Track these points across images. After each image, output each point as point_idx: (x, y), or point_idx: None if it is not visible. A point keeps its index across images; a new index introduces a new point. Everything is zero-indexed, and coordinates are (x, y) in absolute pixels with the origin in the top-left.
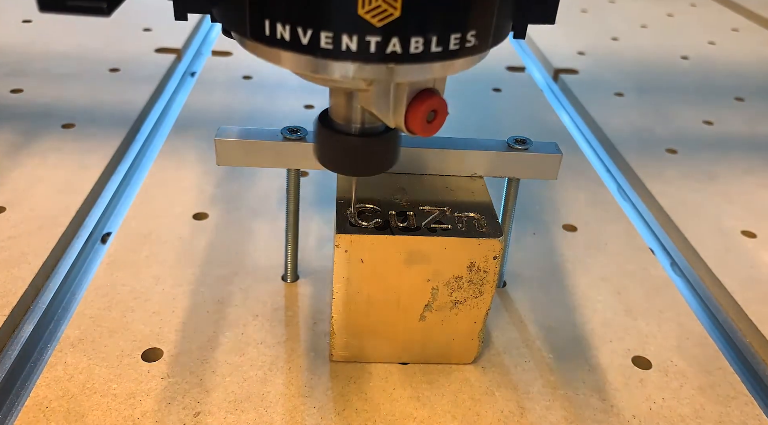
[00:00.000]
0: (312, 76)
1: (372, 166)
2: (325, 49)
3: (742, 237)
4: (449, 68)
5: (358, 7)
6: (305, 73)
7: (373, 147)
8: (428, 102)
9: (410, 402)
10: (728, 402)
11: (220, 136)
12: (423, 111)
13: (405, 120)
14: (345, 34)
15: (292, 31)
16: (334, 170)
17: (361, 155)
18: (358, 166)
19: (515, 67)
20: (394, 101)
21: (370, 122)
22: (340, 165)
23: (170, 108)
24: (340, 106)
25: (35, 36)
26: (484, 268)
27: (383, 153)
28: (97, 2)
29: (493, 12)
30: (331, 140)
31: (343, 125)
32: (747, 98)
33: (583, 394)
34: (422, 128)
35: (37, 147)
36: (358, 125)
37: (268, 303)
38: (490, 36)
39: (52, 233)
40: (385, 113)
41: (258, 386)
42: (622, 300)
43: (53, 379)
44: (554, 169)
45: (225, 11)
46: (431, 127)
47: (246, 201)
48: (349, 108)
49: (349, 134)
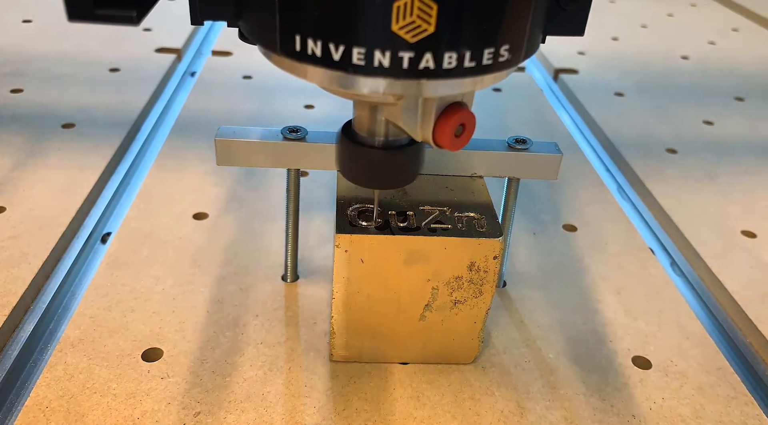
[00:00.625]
0: (340, 91)
1: (395, 179)
2: (357, 65)
3: (742, 237)
4: (480, 83)
5: (392, 22)
6: (334, 89)
7: (397, 160)
8: (457, 116)
9: (410, 402)
10: (728, 402)
11: (220, 136)
12: (452, 125)
13: (433, 134)
14: (378, 50)
15: (324, 46)
16: (357, 182)
17: (384, 168)
18: (381, 179)
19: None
20: (422, 115)
21: (394, 135)
22: (363, 178)
23: (170, 108)
24: (364, 118)
25: (35, 36)
26: (484, 268)
27: (407, 166)
28: (127, 11)
29: (526, 26)
30: (354, 152)
31: (367, 137)
32: (747, 98)
33: (583, 394)
34: (450, 141)
35: (37, 147)
36: (381, 138)
37: (268, 303)
38: (523, 50)
39: (52, 233)
40: (413, 126)
41: (258, 386)
42: (622, 300)
43: (53, 379)
44: (554, 169)
45: (252, 25)
46: (459, 141)
47: (246, 201)
48: (374, 121)
49: (372, 147)
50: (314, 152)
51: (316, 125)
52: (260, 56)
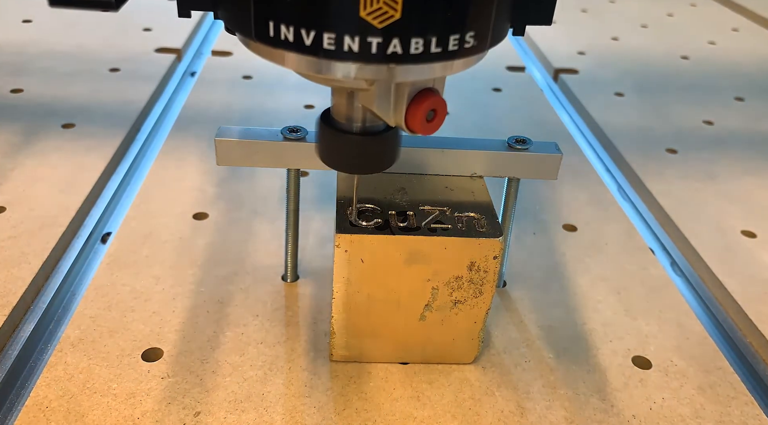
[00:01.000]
0: (314, 76)
1: (373, 164)
2: (328, 50)
3: (742, 237)
4: (448, 68)
5: (360, 9)
6: (308, 74)
7: (374, 145)
8: (428, 101)
9: (410, 402)
10: (728, 401)
11: (220, 136)
12: (423, 110)
13: (405, 119)
14: (347, 35)
15: (296, 32)
16: (336, 168)
17: (362, 153)
18: (359, 164)
19: (515, 67)
20: (394, 101)
21: (370, 121)
22: (342, 163)
23: (170, 108)
24: (341, 105)
25: (35, 36)
26: (484, 268)
27: (383, 151)
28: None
29: (490, 14)
30: (332, 138)
31: (345, 123)
32: (747, 98)
33: (583, 394)
34: (422, 126)
35: (37, 147)
36: (359, 123)
37: (268, 303)
38: (489, 37)
39: (52, 232)
40: (386, 112)
41: (258, 386)
42: (622, 300)
43: (53, 379)
44: (554, 169)
45: (229, 13)
46: (431, 126)
47: (246, 201)
48: (350, 107)
49: (350, 133)
50: (314, 152)
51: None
52: None
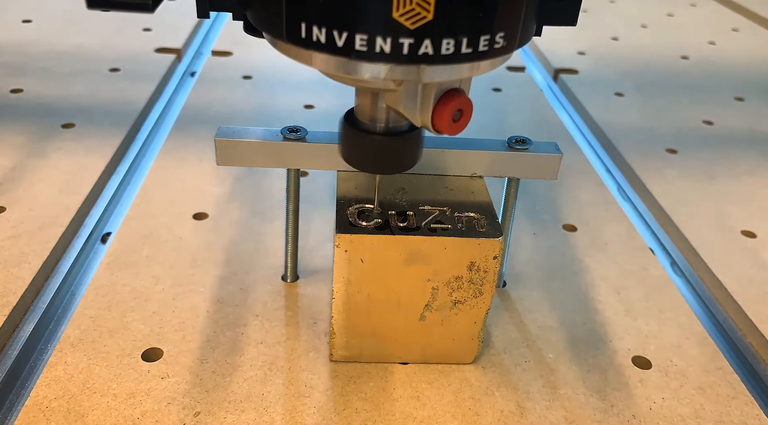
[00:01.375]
0: (343, 76)
1: (396, 164)
2: (360, 51)
3: (742, 237)
4: (476, 69)
5: (392, 10)
6: (336, 74)
7: (398, 146)
8: (454, 102)
9: (410, 402)
10: (728, 402)
11: (220, 136)
12: (449, 110)
13: (432, 119)
14: (379, 37)
15: (328, 33)
16: (359, 168)
17: (386, 153)
18: (383, 164)
19: (515, 67)
20: (421, 101)
21: (394, 121)
22: (365, 164)
23: (170, 108)
24: (365, 105)
25: (35, 36)
26: (484, 268)
27: (407, 152)
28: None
29: (520, 15)
30: (356, 139)
31: (369, 124)
32: (747, 98)
33: (583, 394)
34: (448, 126)
35: (37, 147)
36: (383, 124)
37: (268, 303)
38: (517, 37)
39: (52, 232)
40: (412, 112)
41: (258, 386)
42: (622, 300)
43: (53, 379)
44: (554, 169)
45: (259, 14)
46: (457, 126)
47: (246, 201)
48: (375, 107)
49: (374, 133)
50: (314, 152)
51: (316, 124)
52: (260, 56)
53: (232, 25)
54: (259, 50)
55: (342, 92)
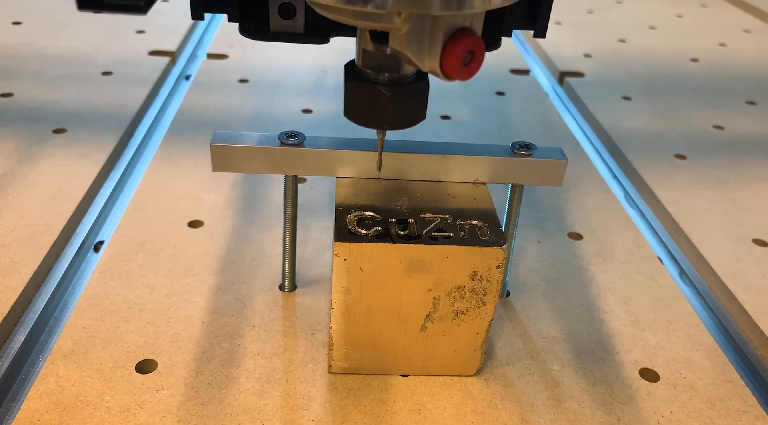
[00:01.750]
0: (347, 8)
1: (401, 118)
2: None
3: (754, 246)
4: (489, 3)
5: None
6: (341, 6)
7: (403, 97)
8: (465, 41)
9: (411, 415)
10: (739, 416)
11: (215, 141)
12: (460, 50)
13: (441, 62)
14: None
15: None
16: (364, 124)
17: (392, 105)
18: (387, 117)
19: (519, 70)
20: (429, 41)
21: (399, 71)
22: (369, 118)
23: (165, 112)
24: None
25: (26, 38)
26: (486, 277)
27: (412, 104)
28: (135, 0)
29: None
30: (359, 90)
31: (372, 73)
32: (759, 102)
33: (589, 407)
34: (458, 70)
35: (27, 153)
36: (387, 73)
37: (266, 313)
38: None
39: (44, 241)
40: (420, 54)
41: (255, 398)
42: (629, 311)
43: (45, 391)
44: (559, 175)
45: None
46: (468, 70)
47: (242, 208)
48: (380, 55)
49: (378, 83)
50: (312, 158)
51: (315, 130)
52: (257, 59)
53: (228, 27)
54: (256, 53)
55: (341, 96)
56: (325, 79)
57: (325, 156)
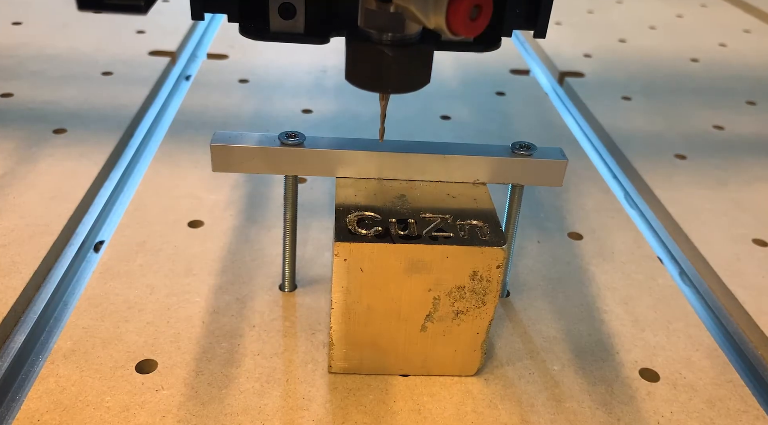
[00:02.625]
0: None
1: (405, 81)
2: None
3: (754, 246)
4: None
5: None
6: None
7: (407, 59)
8: None
9: (411, 415)
10: (739, 416)
11: (215, 141)
12: (466, 4)
13: (446, 16)
14: None
15: None
16: (366, 87)
17: (395, 66)
18: (391, 80)
19: (519, 70)
20: None
21: (402, 32)
22: (371, 80)
23: (165, 112)
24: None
25: (26, 38)
26: (486, 277)
27: (417, 66)
28: (135, 0)
29: None
30: (362, 51)
31: (375, 34)
32: (759, 102)
33: (589, 407)
34: (464, 25)
35: (27, 153)
36: (390, 34)
37: (266, 313)
38: None
39: (44, 241)
40: (425, 9)
41: (255, 398)
42: (629, 311)
43: (45, 392)
44: (559, 175)
45: None
46: (475, 25)
47: (242, 209)
48: (383, 14)
49: (381, 44)
50: (313, 158)
51: (315, 130)
52: (257, 59)
53: (228, 27)
54: (255, 53)
55: (341, 96)
56: (325, 79)
57: (325, 156)
